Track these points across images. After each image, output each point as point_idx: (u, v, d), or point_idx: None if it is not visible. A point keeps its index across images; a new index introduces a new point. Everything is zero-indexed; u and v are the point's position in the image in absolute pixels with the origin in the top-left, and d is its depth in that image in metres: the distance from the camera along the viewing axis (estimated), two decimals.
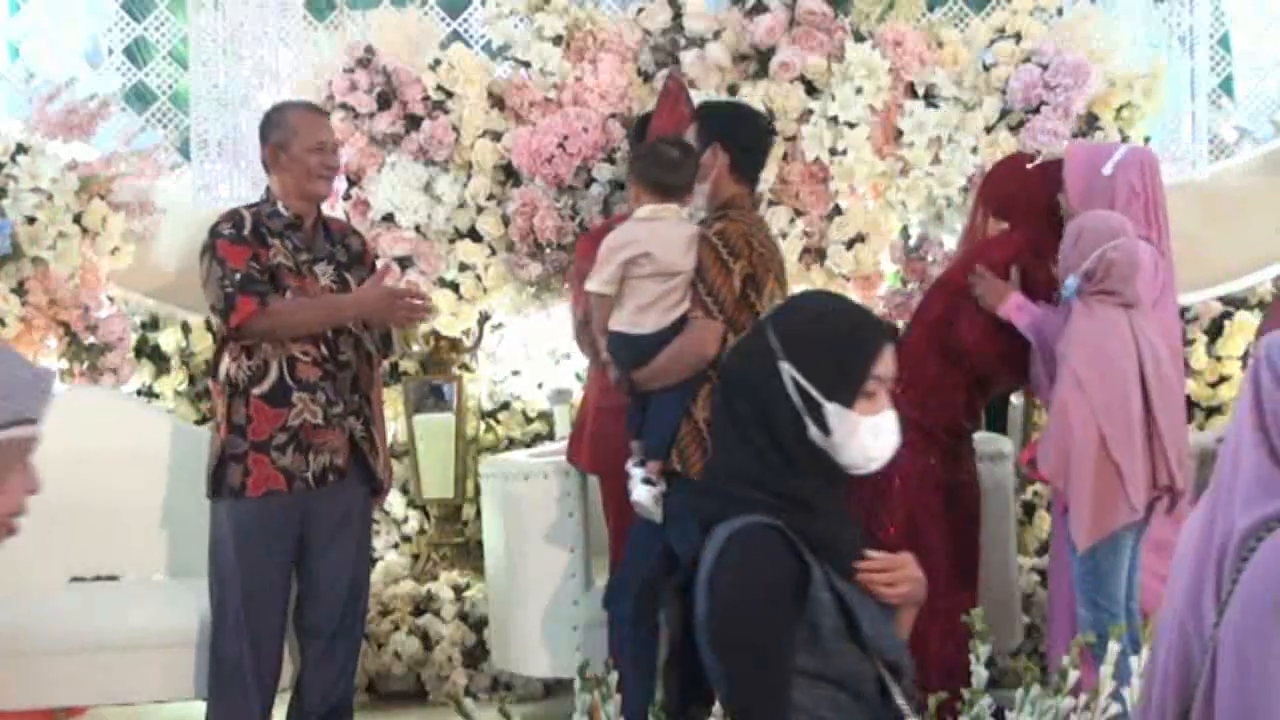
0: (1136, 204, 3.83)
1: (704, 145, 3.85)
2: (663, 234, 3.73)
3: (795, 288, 4.94)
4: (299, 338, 3.82)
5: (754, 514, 2.11)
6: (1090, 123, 4.87)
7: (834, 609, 2.10)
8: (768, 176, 4.86)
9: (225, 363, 3.86)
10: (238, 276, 3.77)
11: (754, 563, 2.09)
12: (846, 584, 2.13)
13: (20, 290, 4.85)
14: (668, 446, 3.68)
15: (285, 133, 3.90)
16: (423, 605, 4.89)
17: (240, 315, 3.76)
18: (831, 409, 2.13)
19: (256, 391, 3.81)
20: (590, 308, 3.92)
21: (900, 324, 4.37)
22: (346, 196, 4.91)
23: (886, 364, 2.19)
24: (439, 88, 4.89)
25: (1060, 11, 5.06)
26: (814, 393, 2.13)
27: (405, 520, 5.28)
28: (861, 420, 2.15)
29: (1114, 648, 2.15)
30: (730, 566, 2.09)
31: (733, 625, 2.08)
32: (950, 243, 4.80)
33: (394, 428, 5.04)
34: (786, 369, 2.14)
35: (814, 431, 2.14)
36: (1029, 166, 4.24)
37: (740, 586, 2.09)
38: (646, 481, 3.73)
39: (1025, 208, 4.10)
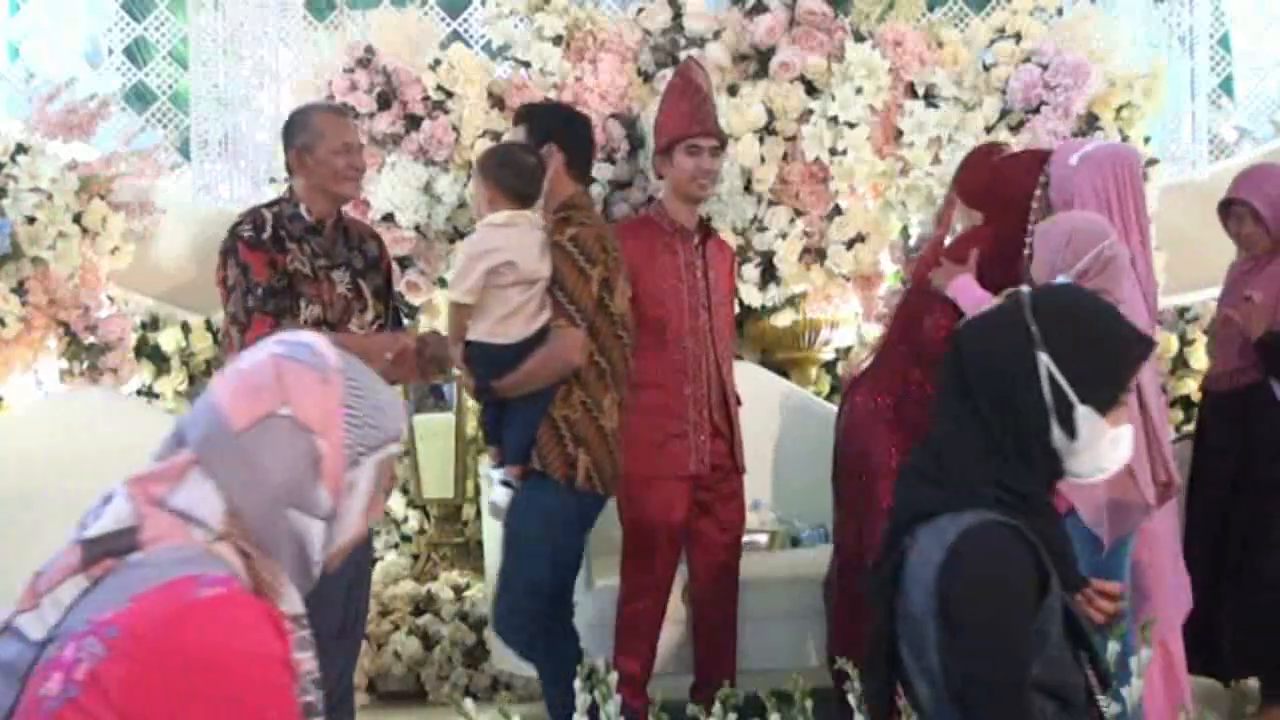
0: (1097, 202, 3.80)
1: (537, 145, 3.85)
2: (521, 241, 3.73)
3: (795, 287, 4.96)
4: None
5: (988, 510, 2.00)
6: (1090, 123, 4.87)
7: (1061, 617, 2.03)
8: (767, 176, 4.87)
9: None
10: (259, 291, 3.74)
11: (999, 563, 1.97)
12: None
13: (20, 290, 4.85)
14: (527, 448, 3.71)
15: (311, 135, 3.87)
16: (423, 605, 4.89)
17: (254, 334, 3.74)
18: (1083, 411, 2.03)
19: None
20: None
21: None
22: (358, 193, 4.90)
23: (1138, 376, 2.13)
24: (439, 88, 4.89)
25: (1060, 11, 5.06)
26: (1069, 392, 2.03)
27: (405, 520, 5.28)
28: (1109, 430, 2.06)
29: (1114, 647, 2.15)
30: (973, 564, 1.97)
31: (976, 629, 1.96)
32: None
33: None
34: (1044, 360, 2.03)
35: (1057, 432, 2.04)
36: (1001, 157, 4.24)
37: (985, 587, 1.97)
38: (505, 484, 3.77)
39: (999, 198, 4.09)
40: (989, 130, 4.87)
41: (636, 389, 3.96)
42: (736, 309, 4.86)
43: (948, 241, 4.10)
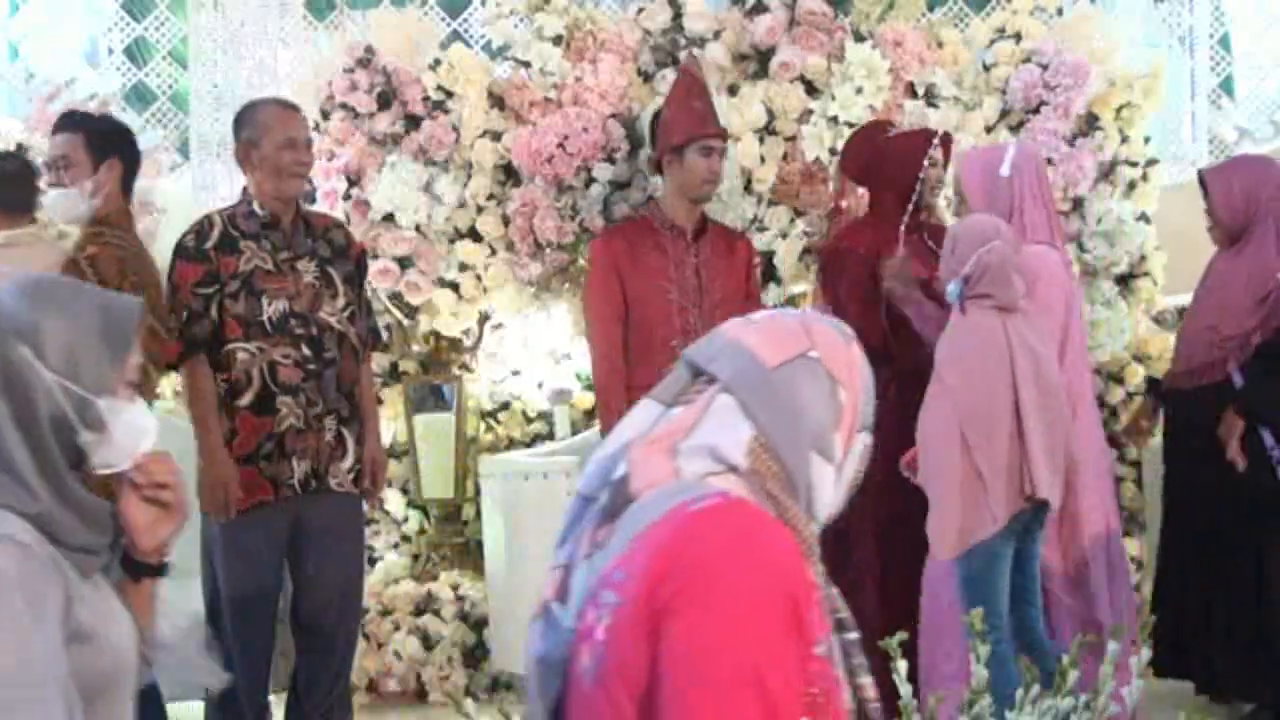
0: (1038, 204, 3.79)
1: (102, 158, 3.73)
2: (25, 261, 3.29)
3: (794, 287, 4.96)
4: (276, 344, 3.82)
5: None
6: (1090, 123, 4.88)
7: None
8: (767, 176, 4.86)
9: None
10: (182, 311, 3.79)
11: None
12: None
13: None
14: None
15: (255, 130, 3.88)
16: (423, 605, 4.89)
17: (172, 352, 3.80)
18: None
19: (241, 403, 3.80)
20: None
21: None
22: (346, 196, 4.90)
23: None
24: (439, 88, 4.89)
25: (1060, 11, 5.06)
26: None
27: (405, 520, 5.28)
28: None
29: (1114, 647, 2.15)
30: None
31: None
32: None
33: (394, 428, 5.04)
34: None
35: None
36: (888, 136, 4.25)
37: None
38: None
39: (883, 175, 4.13)
40: (989, 130, 4.87)
41: (628, 391, 3.98)
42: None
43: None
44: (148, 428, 1.81)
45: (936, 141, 4.12)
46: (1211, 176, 4.18)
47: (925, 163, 4.04)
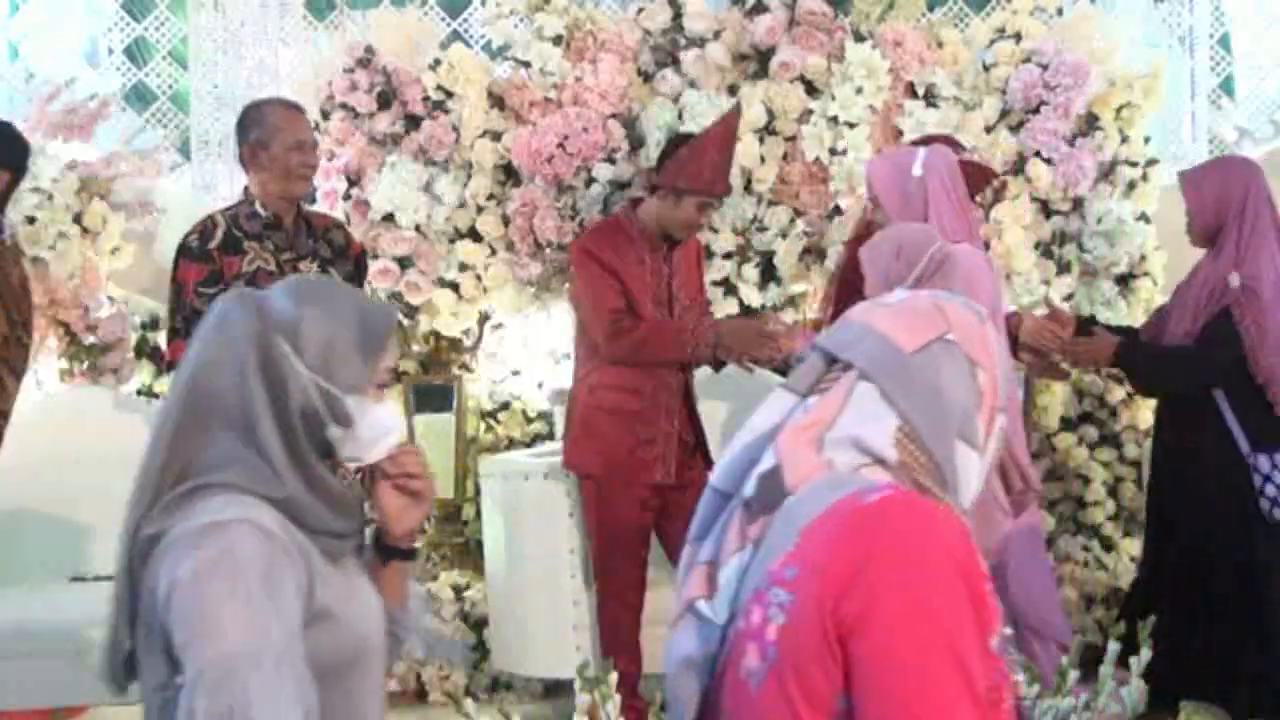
0: (949, 202, 3.76)
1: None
2: None
3: (795, 287, 4.96)
4: None
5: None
6: (1090, 123, 4.87)
7: None
8: (767, 176, 4.86)
9: None
10: (186, 311, 3.79)
11: None
12: None
13: None
14: None
15: (265, 131, 3.89)
16: (422, 605, 4.89)
17: (171, 354, 3.83)
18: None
19: None
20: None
21: None
22: (346, 197, 4.90)
23: None
24: (439, 88, 4.89)
25: (1060, 11, 5.06)
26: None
27: None
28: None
29: (1114, 647, 2.15)
30: None
31: None
32: None
33: None
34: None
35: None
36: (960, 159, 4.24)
37: None
38: None
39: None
40: (989, 130, 4.87)
41: (605, 390, 4.00)
42: (736, 308, 4.87)
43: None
44: (393, 426, 1.91)
45: (995, 183, 4.13)
46: (1186, 179, 4.17)
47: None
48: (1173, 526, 4.11)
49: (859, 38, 4.86)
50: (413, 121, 4.89)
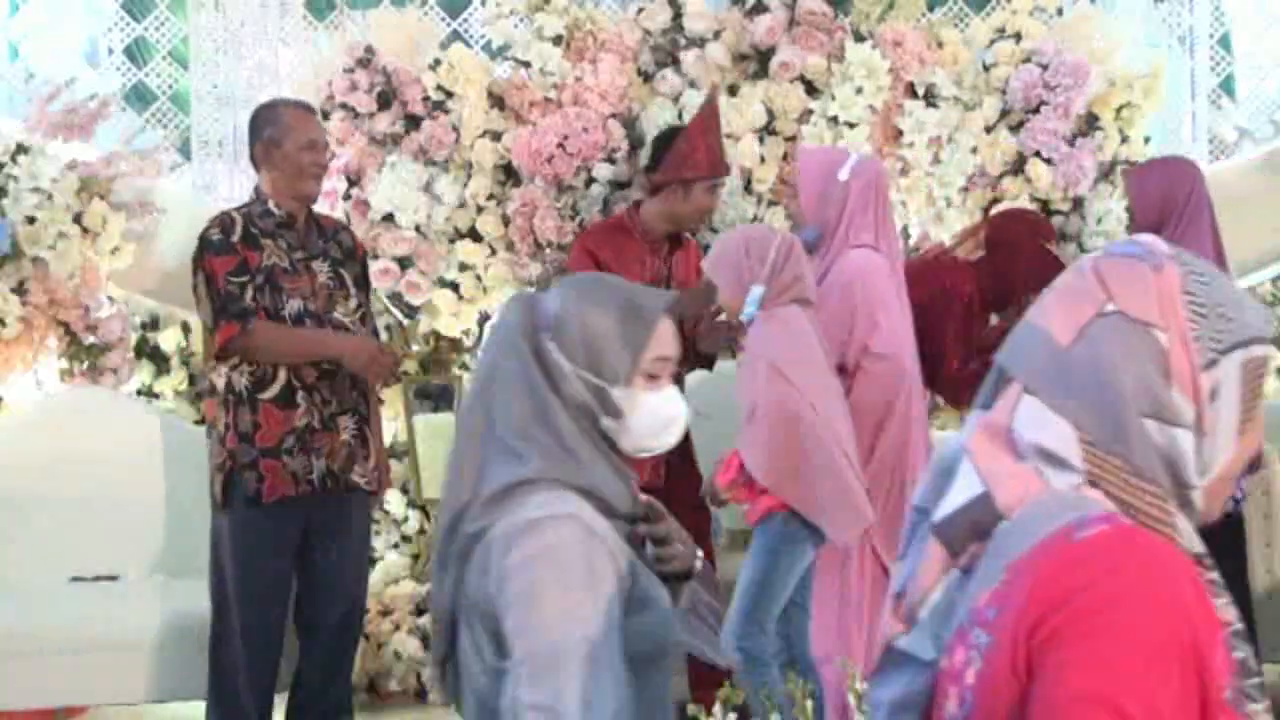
0: (868, 212, 3.75)
1: None
2: None
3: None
4: (280, 360, 3.82)
5: None
6: (1090, 123, 4.87)
7: None
8: (767, 176, 4.86)
9: (223, 372, 3.85)
10: (220, 297, 3.78)
11: None
12: None
13: (20, 290, 4.84)
14: None
15: (278, 130, 3.90)
16: (423, 605, 4.88)
17: (221, 339, 3.79)
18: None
19: (265, 396, 3.82)
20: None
21: None
22: (346, 196, 4.90)
23: None
24: (439, 88, 4.89)
25: (1060, 11, 5.06)
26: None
27: (405, 520, 5.27)
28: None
29: None
30: None
31: None
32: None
33: (394, 428, 5.03)
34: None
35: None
36: (1042, 243, 4.29)
37: None
38: None
39: (1010, 267, 4.13)
40: (989, 130, 4.87)
41: None
42: None
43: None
44: (671, 416, 1.93)
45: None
46: (1132, 175, 4.19)
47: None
48: None
49: (859, 38, 4.86)
50: (413, 121, 4.89)
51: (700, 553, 1.98)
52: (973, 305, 4.08)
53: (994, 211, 4.68)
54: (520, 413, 1.84)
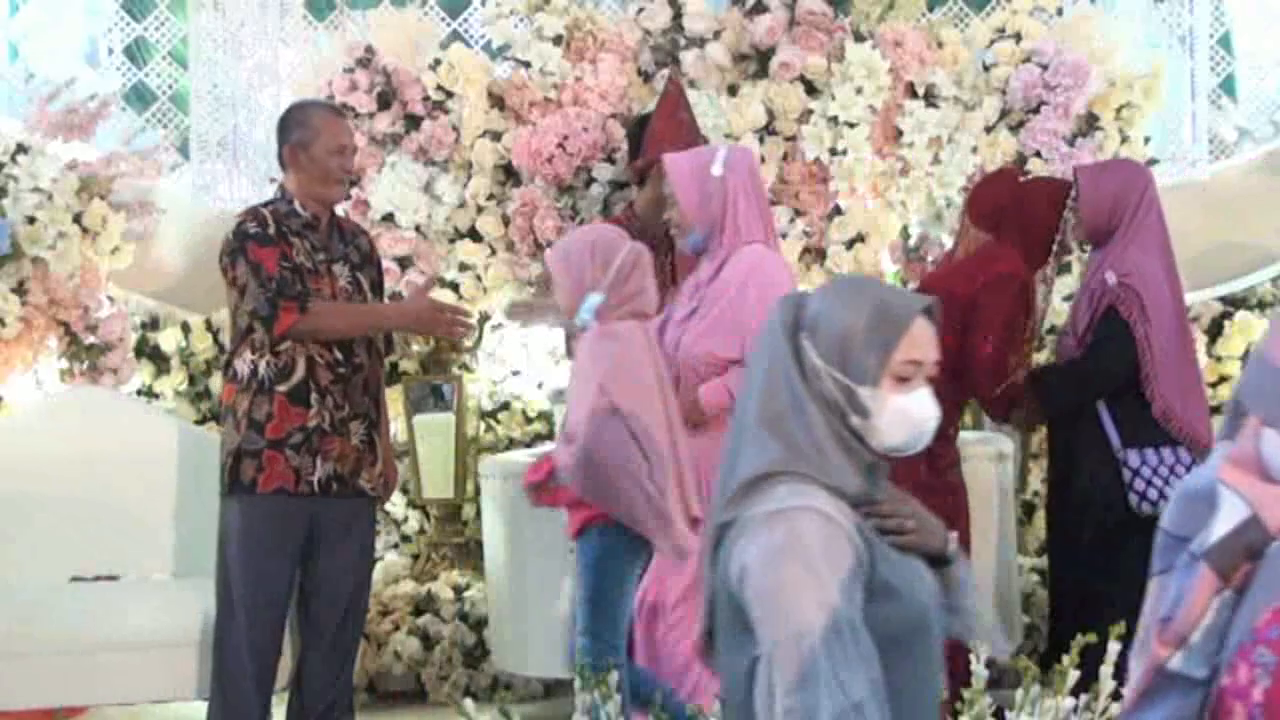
0: (750, 203, 3.67)
1: None
2: None
3: (796, 287, 4.96)
4: (330, 341, 3.84)
5: None
6: (1090, 123, 4.87)
7: None
8: (767, 176, 4.86)
9: (248, 358, 3.85)
10: (274, 282, 3.77)
11: None
12: None
13: (20, 290, 4.84)
14: None
15: (308, 133, 3.91)
16: (423, 605, 4.89)
17: (284, 324, 3.78)
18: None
19: (282, 388, 3.82)
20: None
21: None
22: (346, 196, 4.90)
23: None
24: (439, 88, 4.89)
25: (1060, 11, 5.06)
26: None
27: (405, 520, 5.28)
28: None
29: (1114, 648, 2.15)
30: None
31: None
32: (950, 243, 4.80)
33: (394, 428, 5.03)
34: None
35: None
36: (1022, 180, 4.23)
37: None
38: None
39: (1019, 222, 4.06)
40: (989, 130, 4.87)
41: None
42: None
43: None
44: (922, 418, 1.95)
45: (1073, 193, 4.08)
46: (1083, 175, 4.13)
47: (1066, 211, 4.01)
48: (1061, 527, 4.15)
49: (859, 38, 4.86)
50: (413, 121, 4.89)
51: (953, 535, 2.02)
52: (1028, 289, 4.01)
53: (960, 204, 4.52)
54: (774, 406, 1.91)
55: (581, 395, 3.40)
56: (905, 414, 1.93)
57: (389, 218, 4.88)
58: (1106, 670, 2.14)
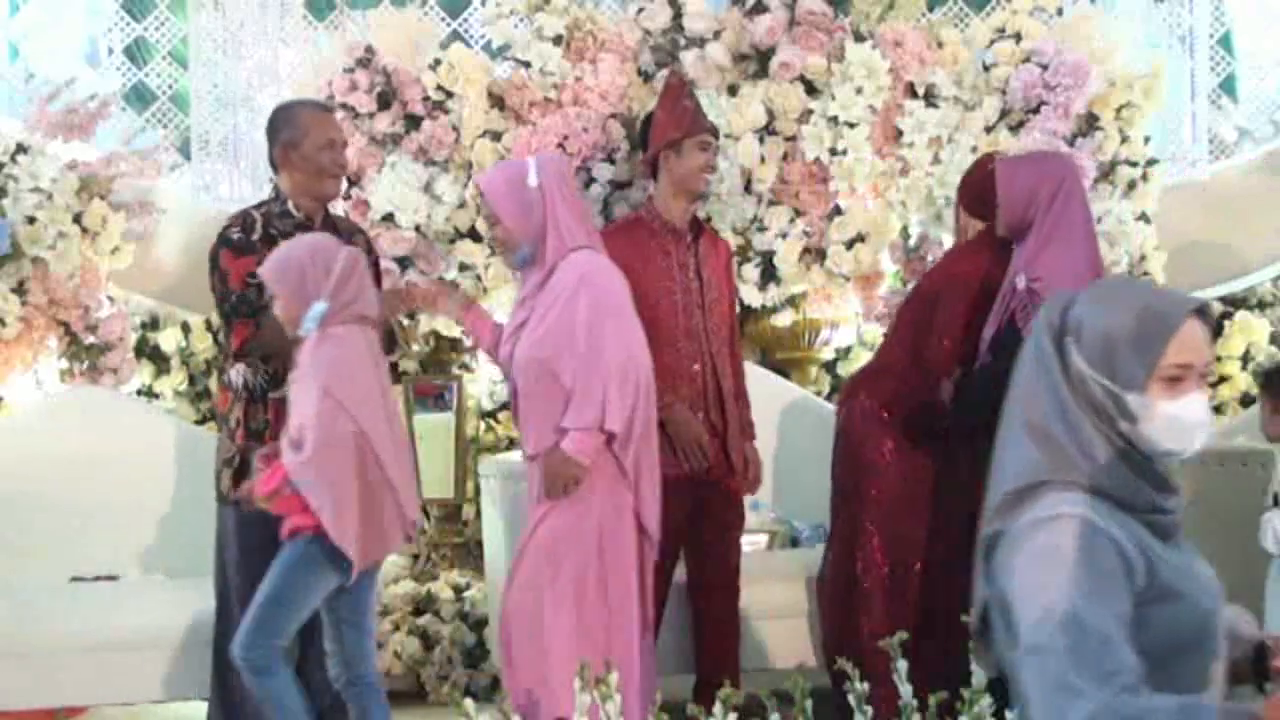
0: (569, 208, 3.65)
1: None
2: None
3: (794, 287, 4.95)
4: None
5: None
6: (1090, 123, 4.87)
7: None
8: (767, 176, 4.86)
9: (240, 369, 3.85)
10: (234, 298, 3.78)
11: None
12: None
13: (20, 290, 4.85)
14: None
15: (296, 131, 3.90)
16: (423, 605, 4.89)
17: (237, 341, 3.78)
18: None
19: (276, 395, 3.81)
20: None
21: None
22: (346, 196, 4.90)
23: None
24: (439, 88, 4.89)
25: (1060, 11, 5.06)
26: None
27: None
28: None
29: None
30: None
31: None
32: (950, 243, 4.80)
33: None
34: None
35: None
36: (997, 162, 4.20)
37: None
38: None
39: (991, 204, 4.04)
40: (989, 130, 4.87)
41: None
42: (737, 308, 4.86)
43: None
44: (1193, 423, 1.90)
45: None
46: (1002, 167, 4.01)
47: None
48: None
49: (859, 38, 4.86)
50: (413, 121, 4.89)
51: None
52: (988, 285, 3.88)
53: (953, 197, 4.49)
54: (1040, 412, 1.90)
55: (305, 402, 3.45)
56: (1175, 420, 1.88)
57: (389, 218, 4.88)
58: None
